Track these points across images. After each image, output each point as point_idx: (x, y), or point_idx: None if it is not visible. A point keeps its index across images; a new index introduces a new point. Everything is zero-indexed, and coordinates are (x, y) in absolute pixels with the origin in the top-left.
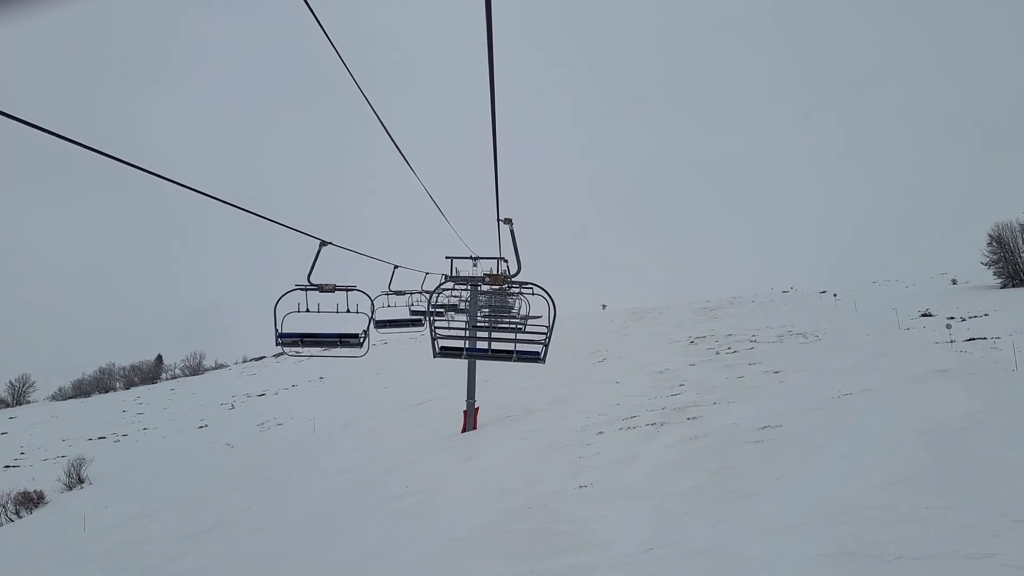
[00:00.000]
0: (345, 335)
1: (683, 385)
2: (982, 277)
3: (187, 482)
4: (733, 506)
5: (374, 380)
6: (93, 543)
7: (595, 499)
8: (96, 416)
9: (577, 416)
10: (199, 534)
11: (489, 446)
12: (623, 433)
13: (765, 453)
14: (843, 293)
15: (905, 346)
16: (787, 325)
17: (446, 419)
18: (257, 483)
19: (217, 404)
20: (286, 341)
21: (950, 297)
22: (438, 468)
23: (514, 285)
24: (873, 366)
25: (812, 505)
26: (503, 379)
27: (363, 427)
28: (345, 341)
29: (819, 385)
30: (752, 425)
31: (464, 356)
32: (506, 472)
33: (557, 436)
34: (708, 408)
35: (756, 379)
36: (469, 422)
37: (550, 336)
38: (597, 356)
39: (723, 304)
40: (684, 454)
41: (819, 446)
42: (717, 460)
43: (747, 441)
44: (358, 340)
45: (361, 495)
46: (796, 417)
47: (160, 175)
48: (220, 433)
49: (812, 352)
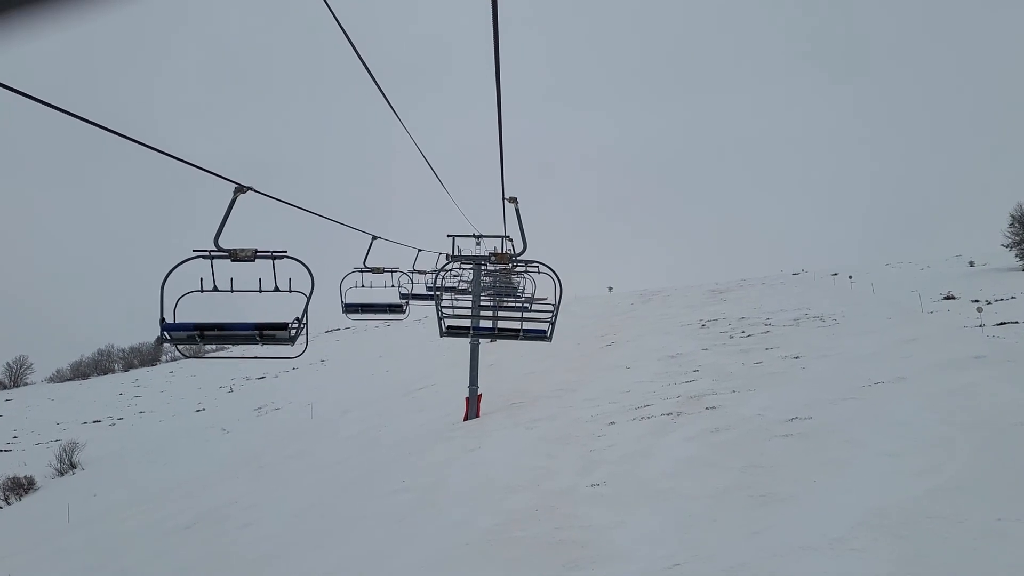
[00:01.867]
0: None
1: (697, 371)
2: (1001, 259)
3: (179, 469)
4: (768, 514)
5: (377, 363)
6: (75, 535)
7: (609, 501)
8: (92, 399)
9: (586, 404)
10: (182, 529)
11: (493, 437)
12: (636, 424)
13: (797, 449)
14: (856, 276)
15: (932, 331)
16: (802, 308)
17: (449, 405)
18: (249, 472)
19: (216, 387)
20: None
21: (970, 279)
22: (438, 460)
23: (519, 264)
24: (900, 352)
25: (860, 514)
26: (508, 364)
27: (363, 412)
28: (267, 335)
29: (845, 372)
30: (778, 416)
31: (471, 335)
32: (511, 466)
33: (565, 426)
34: (727, 397)
35: (775, 365)
36: (472, 409)
37: (556, 314)
38: (605, 340)
39: (732, 287)
40: (705, 449)
41: (857, 442)
42: (743, 457)
43: (775, 435)
44: (287, 333)
45: (356, 488)
46: (826, 408)
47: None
48: (217, 418)
49: (832, 336)
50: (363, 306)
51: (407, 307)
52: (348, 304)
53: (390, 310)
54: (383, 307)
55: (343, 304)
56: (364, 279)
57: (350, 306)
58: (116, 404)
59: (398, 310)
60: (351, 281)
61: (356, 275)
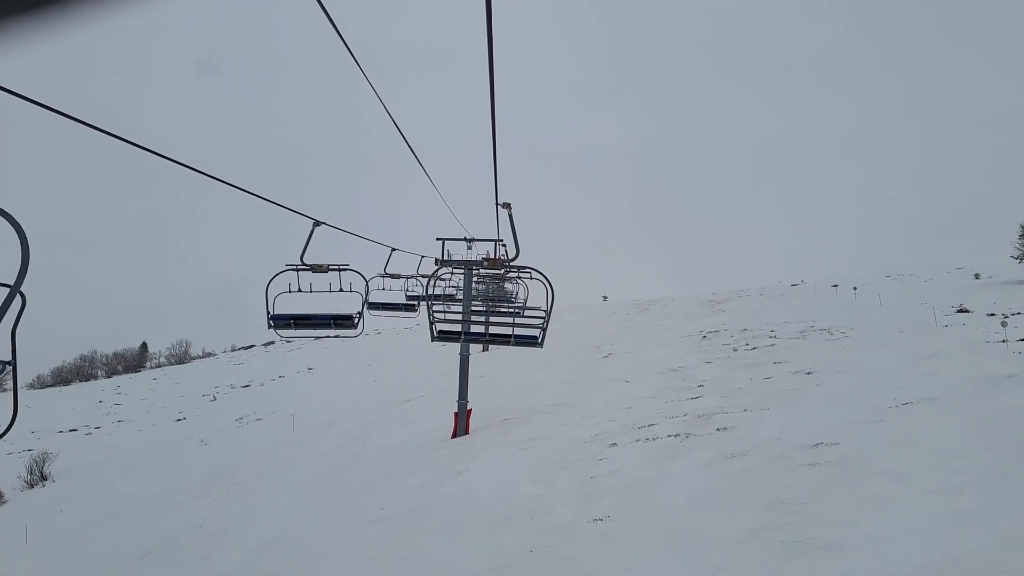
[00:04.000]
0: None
1: (702, 386)
2: (1008, 272)
3: (151, 483)
4: (809, 565)
5: (365, 372)
6: (31, 558)
7: (616, 540)
8: (71, 406)
9: (584, 422)
10: (139, 558)
11: (482, 458)
12: (641, 446)
13: (828, 481)
14: (858, 287)
15: (952, 345)
16: (807, 320)
17: (436, 419)
18: (221, 490)
19: (199, 395)
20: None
21: (978, 292)
22: (422, 483)
23: (512, 269)
24: (923, 369)
25: (919, 567)
26: (500, 375)
27: (346, 425)
28: (339, 323)
29: (865, 390)
30: (800, 441)
31: (462, 340)
32: (502, 494)
33: (562, 448)
34: (739, 416)
35: (787, 381)
36: (461, 425)
37: (548, 320)
38: (601, 351)
39: (730, 297)
40: (722, 478)
41: (898, 475)
42: (768, 489)
43: (800, 464)
44: (352, 321)
45: (330, 516)
46: (853, 432)
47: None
48: (197, 428)
49: (843, 351)
50: (299, 319)
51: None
52: (277, 316)
53: (336, 323)
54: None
55: (269, 315)
56: (301, 280)
57: (280, 318)
58: (95, 412)
59: (348, 323)
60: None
61: (291, 275)
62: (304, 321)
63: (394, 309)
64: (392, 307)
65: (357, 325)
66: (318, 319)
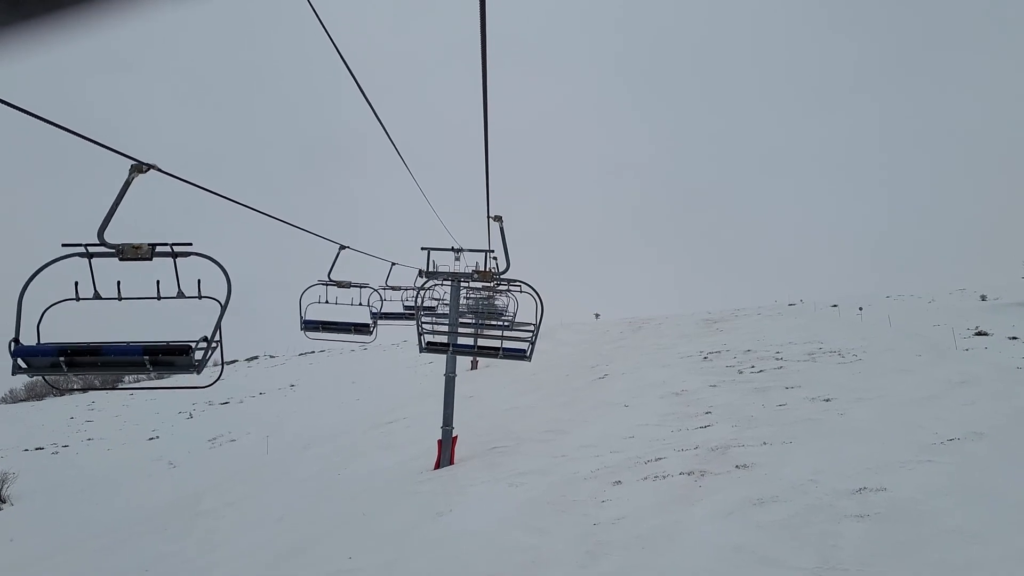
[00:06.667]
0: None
1: (710, 413)
2: (1016, 293)
3: (110, 511)
4: None
5: (349, 390)
6: None
7: None
8: (41, 423)
9: (581, 453)
10: None
11: (469, 495)
12: (649, 485)
13: (885, 540)
14: (854, 307)
15: (982, 371)
16: (813, 341)
17: (419, 444)
18: (180, 524)
19: (175, 412)
20: (309, 327)
21: (989, 314)
22: (398, 527)
23: (502, 282)
24: (956, 397)
25: None
26: (488, 396)
27: (324, 448)
28: (359, 329)
29: (898, 421)
30: (838, 484)
31: (450, 351)
32: (491, 545)
33: (559, 485)
34: (759, 451)
35: (804, 409)
36: (445, 455)
37: (537, 334)
38: (596, 371)
39: (726, 316)
40: (752, 532)
41: (971, 533)
42: (812, 548)
43: (845, 514)
44: (369, 328)
45: (290, 564)
46: (898, 474)
47: None
48: (168, 448)
49: (858, 375)
50: (325, 324)
51: (375, 328)
52: (308, 321)
53: (356, 330)
54: (348, 326)
55: (302, 321)
56: (329, 294)
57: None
58: (64, 430)
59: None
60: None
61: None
62: (330, 326)
63: (396, 318)
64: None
65: (201, 366)
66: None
